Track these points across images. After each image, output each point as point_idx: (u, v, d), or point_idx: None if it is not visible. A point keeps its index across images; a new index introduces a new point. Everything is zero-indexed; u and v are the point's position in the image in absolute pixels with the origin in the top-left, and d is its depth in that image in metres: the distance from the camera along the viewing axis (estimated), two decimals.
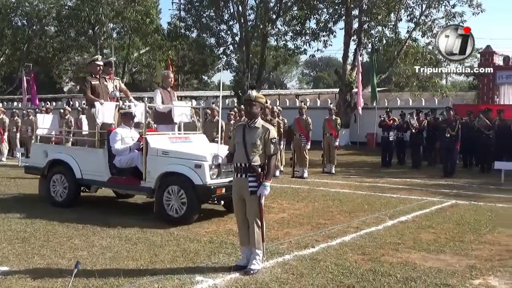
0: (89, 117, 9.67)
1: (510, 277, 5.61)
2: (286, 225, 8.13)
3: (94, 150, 9.24)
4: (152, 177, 8.27)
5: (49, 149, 10.12)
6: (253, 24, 30.45)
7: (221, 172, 8.00)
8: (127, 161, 8.76)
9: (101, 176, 9.00)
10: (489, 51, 23.70)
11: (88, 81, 9.55)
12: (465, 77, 55.05)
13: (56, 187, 9.49)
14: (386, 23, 28.33)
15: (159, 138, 8.76)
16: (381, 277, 5.50)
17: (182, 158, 8.13)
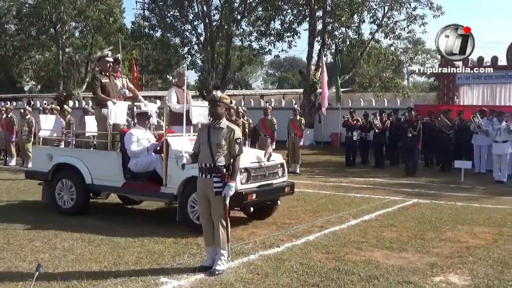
0: (99, 117, 8.94)
1: (469, 273, 5.75)
2: (251, 225, 8.14)
3: (106, 153, 8.55)
4: (174, 182, 7.60)
5: (54, 152, 9.29)
6: (217, 24, 30.39)
7: (251, 176, 7.58)
8: (144, 164, 8.08)
9: (114, 181, 8.27)
10: None
11: (98, 79, 8.88)
12: (426, 78, 56.29)
13: (62, 194, 8.78)
14: (350, 25, 28.67)
15: (180, 140, 7.94)
16: (344, 275, 5.57)
17: None
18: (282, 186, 8.34)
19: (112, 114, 8.51)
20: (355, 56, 28.68)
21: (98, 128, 9.08)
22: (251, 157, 7.81)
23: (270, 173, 8.04)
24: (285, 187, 8.42)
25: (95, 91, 8.90)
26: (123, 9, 42.71)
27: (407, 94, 29.67)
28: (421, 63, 60.06)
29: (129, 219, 8.45)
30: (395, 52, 31.31)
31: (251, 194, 7.40)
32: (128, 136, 8.16)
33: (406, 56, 51.59)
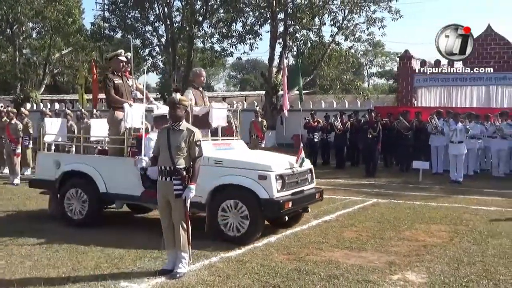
0: (112, 121, 8.28)
1: (426, 271, 5.89)
2: None
3: (124, 159, 7.85)
4: (201, 190, 6.86)
5: (63, 158, 8.58)
6: (179, 26, 30.23)
7: (286, 184, 7.17)
8: None
9: (132, 189, 7.62)
10: (407, 55, 24.71)
11: (110, 80, 8.24)
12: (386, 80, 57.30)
13: (73, 204, 8.12)
14: (311, 27, 28.91)
15: (204, 145, 7.72)
16: (305, 275, 5.63)
17: (241, 168, 7.11)
18: (313, 193, 8.02)
19: (128, 117, 7.88)
20: (316, 58, 28.95)
21: (111, 132, 8.44)
22: (284, 162, 7.52)
23: (301, 180, 7.72)
24: (315, 193, 8.08)
25: (109, 92, 8.25)
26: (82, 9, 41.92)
27: (367, 96, 30.12)
28: (381, 66, 61.20)
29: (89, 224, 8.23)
30: (355, 54, 31.75)
31: (287, 202, 7.03)
32: (147, 141, 7.45)
33: (366, 59, 52.46)
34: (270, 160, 7.45)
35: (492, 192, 12.48)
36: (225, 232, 7.03)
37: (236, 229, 6.98)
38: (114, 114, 8.23)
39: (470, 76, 22.72)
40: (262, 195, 6.87)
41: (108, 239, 7.18)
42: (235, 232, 6.99)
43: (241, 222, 6.96)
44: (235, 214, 6.98)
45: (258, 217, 7.00)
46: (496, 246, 7.09)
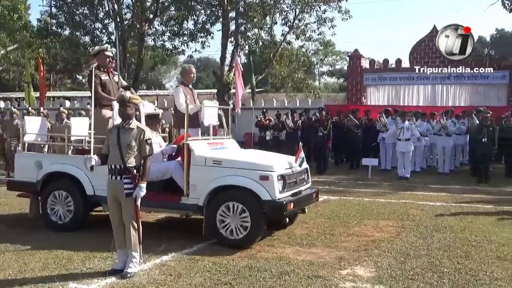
0: (99, 119, 7.72)
1: (374, 265, 6.04)
2: (164, 226, 8.08)
3: None
4: (198, 192, 6.86)
5: (45, 159, 8.10)
6: (129, 23, 29.77)
7: (286, 184, 6.92)
8: (158, 172, 7.18)
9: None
10: (357, 54, 25.18)
11: (97, 76, 7.75)
12: (336, 78, 58.15)
13: (57, 207, 7.72)
14: (262, 26, 29.03)
15: (200, 145, 7.30)
16: (257, 272, 5.68)
17: (241, 169, 6.82)
18: (310, 193, 7.79)
19: (117, 116, 7.55)
20: (267, 57, 29.10)
21: (97, 132, 7.72)
22: (284, 162, 7.31)
23: (300, 180, 7.51)
24: (312, 194, 7.87)
25: (96, 90, 7.69)
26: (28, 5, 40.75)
27: (318, 94, 30.49)
28: (331, 65, 62.01)
29: (36, 224, 8.01)
30: (306, 53, 32.12)
31: (289, 203, 6.78)
32: None
33: (317, 58, 53.04)
34: (271, 160, 7.23)
35: (437, 187, 12.88)
36: (224, 235, 6.75)
37: (236, 232, 6.71)
38: (101, 113, 7.82)
39: (417, 76, 23.35)
40: (264, 196, 6.60)
41: (56, 240, 7.04)
42: (235, 235, 6.72)
43: (242, 224, 6.68)
44: (235, 216, 6.71)
45: (260, 220, 6.70)
46: (440, 239, 7.33)
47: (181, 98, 7.99)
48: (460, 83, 23.04)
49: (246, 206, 6.65)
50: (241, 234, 6.69)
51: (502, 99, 22.32)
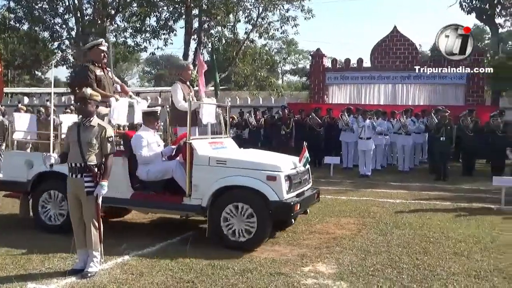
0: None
1: (335, 262, 6.11)
2: (126, 225, 8.00)
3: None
4: (201, 192, 6.63)
5: (37, 158, 7.34)
6: (90, 19, 29.32)
7: (292, 185, 6.74)
8: (158, 172, 7.00)
9: (120, 192, 6.96)
10: (319, 53, 25.37)
11: (92, 71, 7.41)
12: (299, 77, 58.53)
13: (49, 208, 7.35)
14: (225, 24, 29.09)
15: (202, 144, 7.05)
16: (219, 270, 5.67)
17: (247, 169, 6.60)
18: (313, 194, 7.62)
19: (115, 113, 7.23)
20: (230, 55, 29.15)
21: None
22: (289, 162, 7.10)
23: (303, 180, 7.34)
24: (315, 194, 7.71)
25: (91, 86, 7.15)
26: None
27: (281, 93, 30.69)
28: (294, 63, 62.42)
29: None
30: (269, 51, 32.28)
31: (296, 204, 6.62)
32: (137, 139, 7.05)
33: (280, 56, 53.29)
34: (277, 160, 7.07)
35: (397, 185, 13.12)
36: (229, 237, 6.57)
37: (242, 233, 6.53)
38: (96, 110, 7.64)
39: (378, 75, 23.71)
40: (271, 197, 6.41)
41: (14, 240, 6.87)
42: (240, 237, 6.54)
43: (247, 226, 6.50)
44: (240, 218, 6.52)
45: (267, 221, 6.53)
46: (400, 236, 7.48)
47: (179, 95, 7.77)
48: (419, 83, 23.50)
49: (253, 207, 6.47)
50: (247, 236, 6.52)
51: (459, 99, 22.87)
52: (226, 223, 6.55)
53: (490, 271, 5.86)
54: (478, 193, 12.05)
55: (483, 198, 11.20)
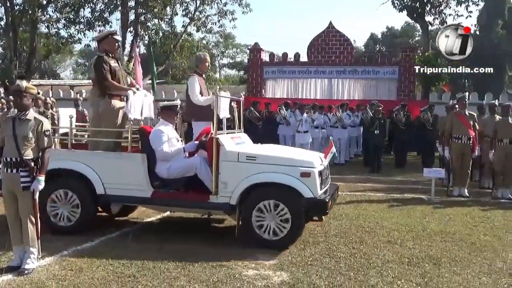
0: (108, 111, 7.00)
1: (276, 253, 6.23)
2: None
3: (127, 155, 6.84)
4: (229, 190, 6.38)
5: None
6: (20, 9, 28.19)
7: (322, 181, 6.60)
8: (180, 169, 6.67)
9: (139, 190, 6.68)
10: (257, 48, 25.51)
11: (106, 62, 6.98)
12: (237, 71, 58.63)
13: (59, 208, 6.89)
14: (162, 17, 28.73)
15: (228, 139, 6.73)
16: (161, 264, 5.67)
17: (279, 165, 6.37)
18: (335, 189, 7.36)
19: (132, 107, 6.85)
20: (168, 48, 28.84)
21: (106, 124, 7.05)
22: (317, 158, 6.87)
23: (327, 176, 7.20)
24: (336, 190, 7.46)
25: (105, 78, 6.94)
26: None
27: (220, 86, 30.68)
28: (232, 57, 62.46)
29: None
30: (207, 45, 32.17)
31: (330, 201, 6.51)
32: (157, 134, 6.69)
33: (218, 50, 53.19)
34: (309, 156, 6.89)
35: (334, 178, 13.27)
36: (261, 236, 6.36)
37: (274, 232, 6.34)
38: (111, 103, 7.02)
39: (315, 70, 24.13)
40: (306, 194, 6.24)
41: None
42: (272, 235, 6.34)
43: (280, 224, 6.32)
44: (273, 215, 6.32)
45: (301, 219, 6.38)
46: (337, 227, 7.71)
47: (196, 89, 7.54)
48: (354, 78, 24.07)
49: (286, 204, 6.27)
50: (280, 234, 6.35)
51: (392, 93, 23.61)
52: (257, 221, 6.36)
53: (421, 258, 6.17)
54: (409, 184, 12.57)
55: (414, 189, 11.70)
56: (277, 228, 6.33)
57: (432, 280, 5.37)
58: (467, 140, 10.72)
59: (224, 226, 7.65)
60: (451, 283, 5.32)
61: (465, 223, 8.24)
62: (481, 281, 5.43)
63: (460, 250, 6.55)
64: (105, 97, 7.02)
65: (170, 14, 29.00)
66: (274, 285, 5.16)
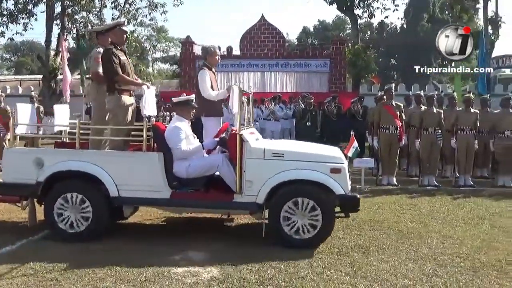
0: (117, 106, 6.58)
1: (206, 249, 6.16)
2: None
3: (142, 155, 6.43)
4: (256, 188, 6.07)
5: (49, 155, 6.56)
6: None
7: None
8: (201, 168, 6.32)
9: (157, 191, 6.28)
10: (189, 41, 25.29)
11: (116, 55, 6.49)
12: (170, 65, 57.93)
13: (67, 213, 6.36)
14: (91, 9, 27.94)
15: (250, 136, 6.43)
16: (84, 266, 5.43)
17: (308, 161, 6.15)
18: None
19: (146, 103, 6.45)
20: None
21: (115, 121, 6.66)
22: (341, 154, 6.69)
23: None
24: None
25: (116, 72, 6.48)
26: None
27: (152, 81, 30.18)
28: (164, 51, 61.64)
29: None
30: (138, 39, 31.54)
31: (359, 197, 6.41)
32: (174, 131, 6.31)
33: (150, 44, 52.33)
34: (335, 151, 6.69)
35: None
36: (290, 235, 6.13)
37: (304, 231, 6.11)
38: (120, 99, 6.58)
39: (247, 63, 24.17)
40: (337, 190, 6.06)
41: None
42: (302, 234, 6.11)
43: (311, 223, 6.10)
44: (303, 214, 6.09)
45: (332, 216, 6.20)
46: None
47: (207, 83, 7.21)
48: (286, 71, 24.31)
49: (317, 202, 6.06)
50: (311, 233, 6.12)
51: (324, 85, 24.01)
52: (286, 220, 6.12)
53: (351, 247, 6.26)
54: None
55: None
56: (307, 227, 6.12)
57: (361, 269, 5.44)
58: (394, 130, 10.98)
59: (152, 224, 7.48)
60: (379, 270, 5.41)
61: (393, 211, 8.45)
62: (408, 267, 5.55)
63: (388, 237, 6.68)
64: (114, 93, 6.56)
65: (99, 7, 28.23)
66: (204, 281, 5.08)
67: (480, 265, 5.65)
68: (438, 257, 5.93)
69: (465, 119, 11.08)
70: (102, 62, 6.62)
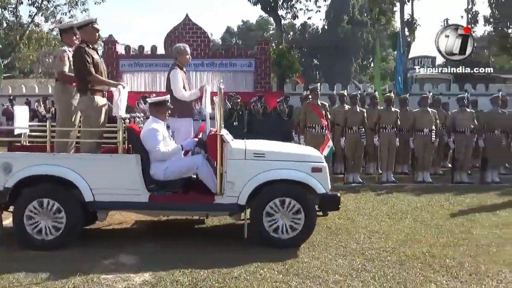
0: (90, 107, 6.28)
1: (137, 252, 6.04)
2: None
3: (121, 157, 6.18)
4: (237, 189, 5.98)
5: (17, 159, 6.09)
6: None
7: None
8: (180, 169, 6.18)
9: (134, 194, 6.05)
10: (112, 40, 24.70)
11: (88, 54, 6.18)
12: None
13: (38, 220, 5.97)
14: (6, 5, 26.72)
15: (229, 136, 6.36)
16: (8, 273, 5.20)
17: (289, 161, 6.15)
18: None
19: (121, 104, 6.21)
20: (13, 39, 26.90)
21: (87, 123, 6.34)
22: (319, 153, 6.72)
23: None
24: None
25: (88, 71, 6.17)
26: None
27: None
28: None
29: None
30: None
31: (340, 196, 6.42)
32: (151, 133, 6.08)
33: None
34: (314, 151, 6.75)
35: None
36: (272, 235, 6.10)
37: (286, 230, 6.09)
38: (93, 100, 6.28)
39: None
40: (319, 189, 6.10)
41: None
42: (285, 234, 6.10)
43: (293, 222, 6.09)
44: (284, 213, 6.08)
45: (314, 215, 6.20)
46: (202, 221, 7.63)
47: (179, 84, 7.06)
48: (212, 70, 24.27)
49: (299, 201, 6.07)
50: (293, 232, 6.13)
51: (249, 85, 24.17)
52: (268, 220, 6.09)
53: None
54: None
55: None
56: (289, 226, 6.14)
57: (293, 266, 5.52)
58: (320, 129, 11.21)
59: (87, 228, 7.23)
60: (310, 267, 5.51)
61: None
62: (338, 263, 5.70)
63: (317, 234, 6.80)
64: (86, 93, 6.28)
65: (15, 3, 27.03)
66: (136, 285, 4.98)
67: (406, 258, 5.89)
68: (366, 251, 6.13)
69: (387, 117, 11.49)
70: (74, 61, 6.34)
